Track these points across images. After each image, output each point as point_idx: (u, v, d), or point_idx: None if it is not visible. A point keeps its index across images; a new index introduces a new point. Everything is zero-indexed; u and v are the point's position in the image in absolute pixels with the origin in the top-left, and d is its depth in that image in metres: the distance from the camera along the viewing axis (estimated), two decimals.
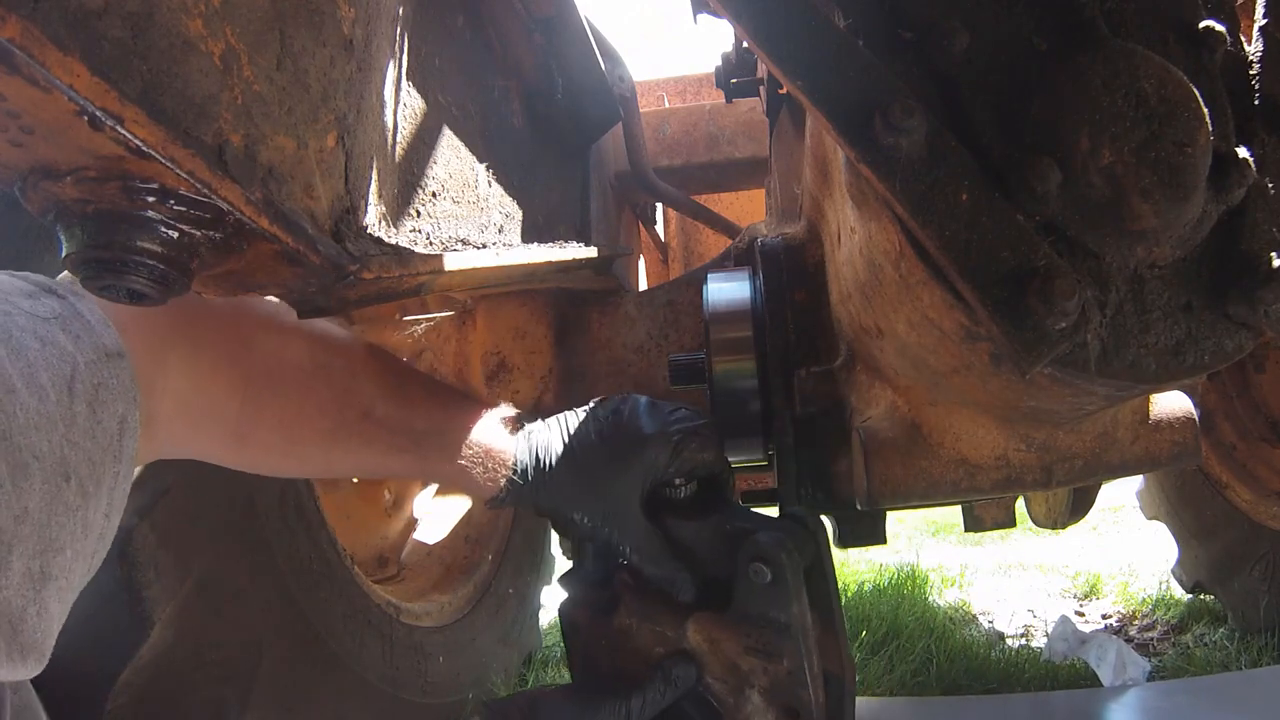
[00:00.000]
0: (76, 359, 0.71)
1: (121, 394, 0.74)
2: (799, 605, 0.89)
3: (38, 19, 0.56)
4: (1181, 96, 0.72)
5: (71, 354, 0.71)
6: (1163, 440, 1.01)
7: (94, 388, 0.71)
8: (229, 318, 0.91)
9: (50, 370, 0.68)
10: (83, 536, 0.69)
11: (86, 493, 0.69)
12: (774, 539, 0.90)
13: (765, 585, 0.89)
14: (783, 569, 0.89)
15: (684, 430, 0.99)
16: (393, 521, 2.45)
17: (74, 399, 0.69)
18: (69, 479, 0.67)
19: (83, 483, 0.68)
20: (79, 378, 0.70)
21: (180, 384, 0.84)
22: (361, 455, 0.98)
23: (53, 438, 0.66)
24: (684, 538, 0.98)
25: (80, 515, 0.68)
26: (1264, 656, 2.63)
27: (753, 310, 1.26)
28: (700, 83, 3.34)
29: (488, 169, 1.42)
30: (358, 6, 0.91)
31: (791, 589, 0.89)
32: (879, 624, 3.13)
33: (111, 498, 0.73)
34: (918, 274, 0.77)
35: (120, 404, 0.74)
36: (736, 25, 0.77)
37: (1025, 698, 2.51)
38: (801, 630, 0.89)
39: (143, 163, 0.69)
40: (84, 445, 0.69)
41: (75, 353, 0.71)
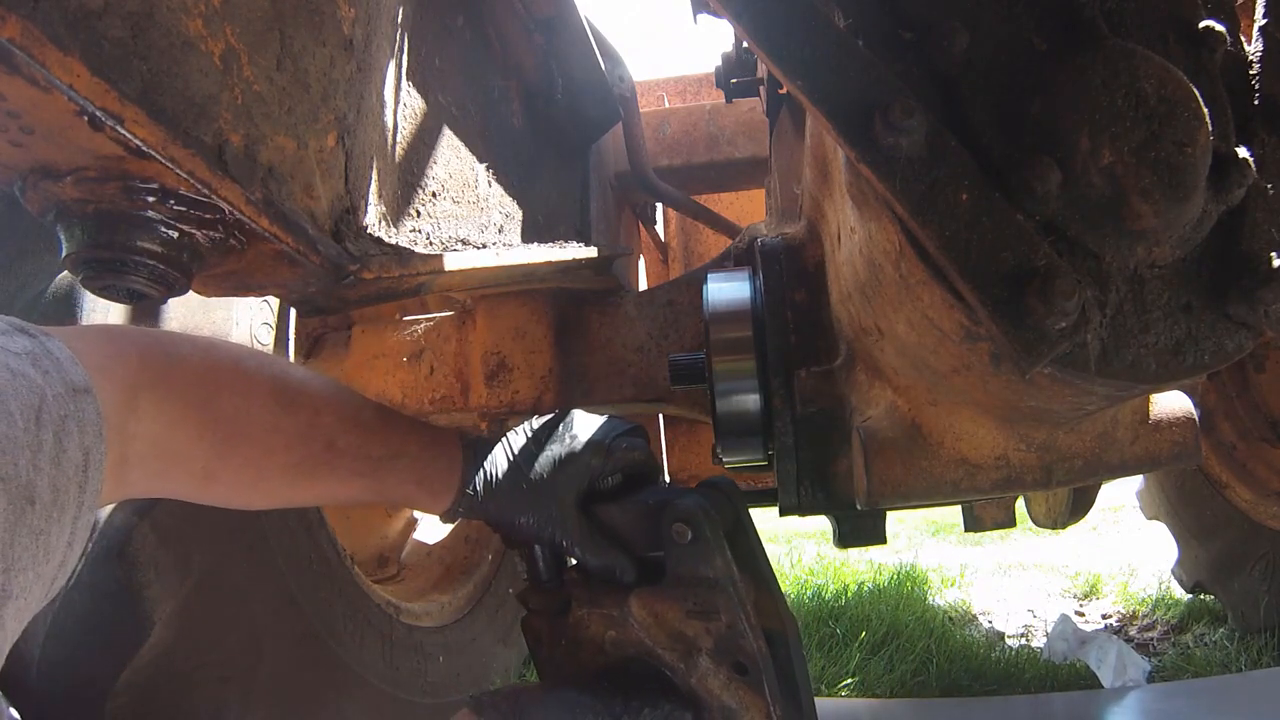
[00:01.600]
0: (45, 391, 0.73)
1: (88, 427, 0.76)
2: (722, 558, 0.94)
3: (38, 19, 0.56)
4: (1181, 96, 0.72)
5: (40, 386, 0.72)
6: (1163, 440, 1.01)
7: (61, 419, 0.73)
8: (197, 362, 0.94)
9: (19, 399, 0.70)
10: (44, 560, 0.70)
11: (50, 518, 0.71)
12: (690, 500, 0.96)
13: (688, 545, 0.95)
14: (701, 525, 0.94)
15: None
16: (393, 521, 2.45)
17: (40, 427, 0.71)
18: (33, 502, 0.68)
19: (47, 508, 0.70)
20: (46, 408, 0.72)
21: (151, 427, 0.86)
22: (325, 484, 1.03)
23: (19, 461, 0.67)
24: (615, 521, 1.04)
25: (43, 539, 0.70)
26: (1264, 656, 2.63)
27: (753, 310, 1.26)
28: (700, 83, 3.34)
29: (488, 169, 1.42)
30: (358, 6, 0.91)
31: (713, 543, 0.94)
32: (879, 624, 3.13)
33: (75, 527, 0.75)
34: (918, 274, 0.77)
35: (86, 437, 0.76)
36: (736, 25, 0.77)
37: (1025, 699, 2.51)
38: (730, 582, 0.94)
39: (143, 163, 0.69)
40: (49, 471, 0.71)
41: (44, 385, 0.73)
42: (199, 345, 0.95)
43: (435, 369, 1.81)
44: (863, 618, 3.23)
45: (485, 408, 1.73)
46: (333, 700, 1.70)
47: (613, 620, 1.01)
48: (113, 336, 0.87)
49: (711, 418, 1.26)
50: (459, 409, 1.79)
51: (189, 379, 0.92)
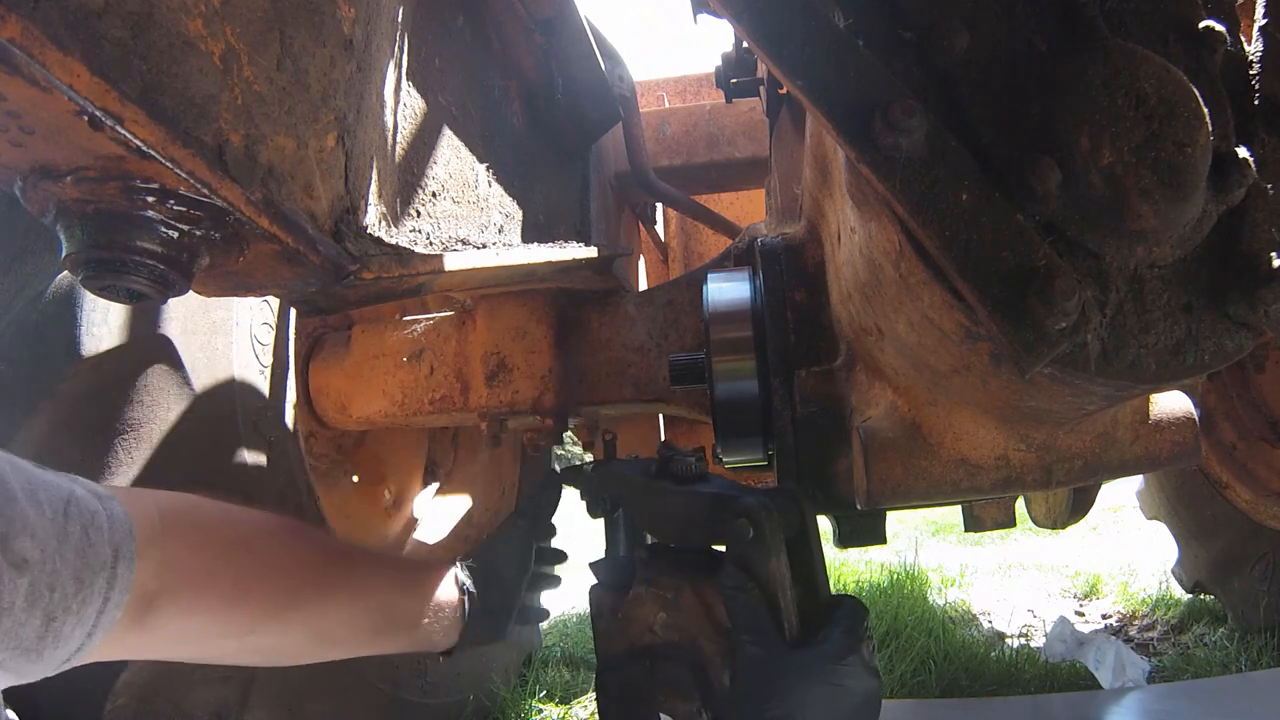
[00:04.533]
0: (73, 489, 0.77)
1: (118, 525, 0.80)
2: (777, 560, 0.93)
3: (38, 19, 0.56)
4: (1181, 96, 0.72)
5: (68, 487, 0.77)
6: (1163, 440, 1.01)
7: (89, 514, 0.77)
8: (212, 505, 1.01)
9: (48, 492, 0.74)
10: (52, 645, 0.73)
11: (69, 608, 0.74)
12: (758, 499, 0.96)
13: (748, 542, 0.94)
14: (762, 525, 0.93)
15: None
16: (393, 521, 2.45)
17: (69, 520, 0.74)
18: (54, 589, 0.71)
19: (67, 597, 0.73)
20: (75, 503, 0.76)
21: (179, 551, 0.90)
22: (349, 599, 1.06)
23: (46, 548, 0.71)
24: (677, 508, 1.04)
25: (56, 625, 0.73)
26: (1264, 657, 2.63)
27: (753, 310, 1.26)
28: (700, 83, 3.34)
29: (488, 169, 1.42)
30: (358, 6, 0.91)
31: (770, 545, 0.93)
32: (879, 624, 3.13)
33: (98, 621, 0.77)
34: (918, 274, 0.77)
35: (116, 534, 0.79)
36: (736, 25, 0.77)
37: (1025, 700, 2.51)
38: (780, 588, 0.93)
39: (143, 163, 0.69)
40: (73, 562, 0.74)
41: (71, 486, 0.78)
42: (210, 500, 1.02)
43: (435, 369, 1.81)
44: None
45: (485, 408, 1.73)
46: (332, 700, 1.70)
47: (666, 602, 1.02)
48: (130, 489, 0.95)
49: (711, 418, 1.26)
50: (459, 409, 1.79)
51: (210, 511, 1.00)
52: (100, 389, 1.29)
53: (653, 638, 1.04)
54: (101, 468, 1.27)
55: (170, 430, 1.35)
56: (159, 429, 1.34)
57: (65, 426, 1.27)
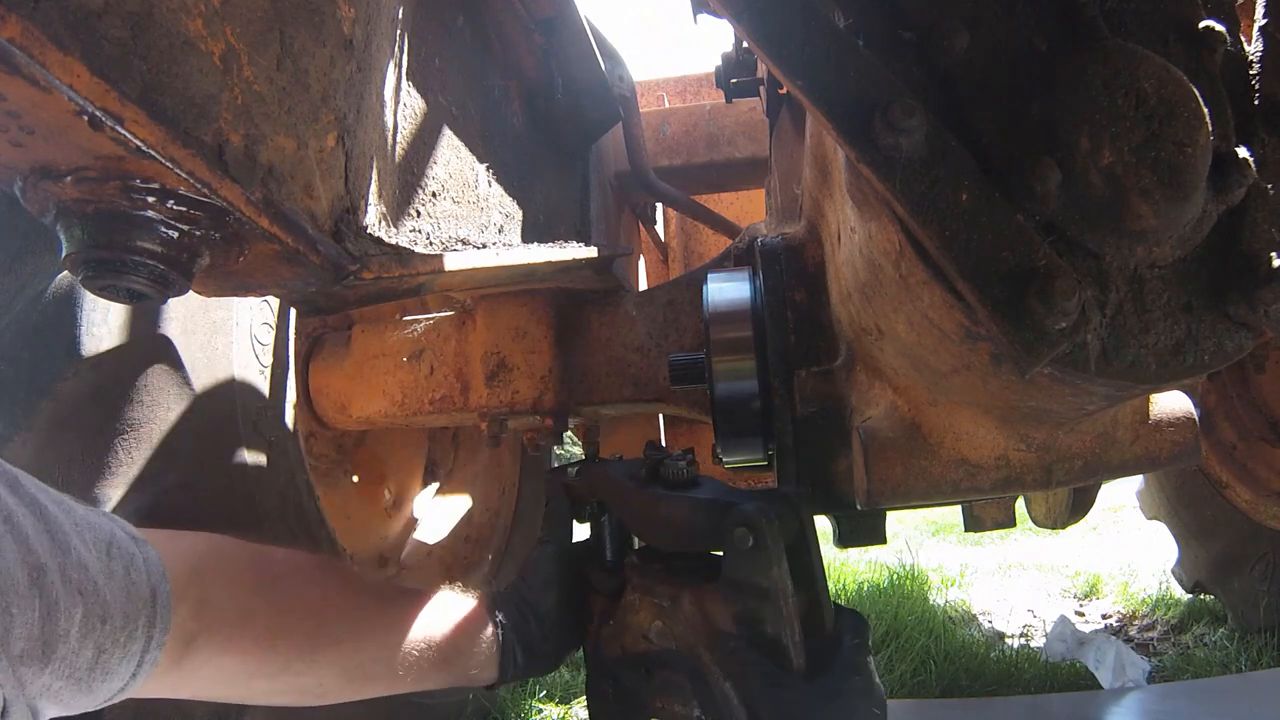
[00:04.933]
0: (114, 531, 0.80)
1: (154, 568, 0.82)
2: (778, 569, 0.92)
3: (38, 19, 0.56)
4: (1181, 96, 0.72)
5: (108, 528, 0.80)
6: (1163, 440, 1.01)
7: (129, 555, 0.80)
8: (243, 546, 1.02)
9: (93, 533, 0.77)
10: (101, 677, 0.76)
11: (117, 641, 0.76)
12: (757, 506, 0.94)
13: (748, 550, 0.93)
14: (763, 533, 0.92)
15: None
16: (393, 521, 2.45)
17: (111, 559, 0.78)
18: (105, 621, 0.75)
19: (116, 631, 0.76)
20: (116, 544, 0.79)
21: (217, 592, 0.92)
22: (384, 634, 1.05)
23: (97, 582, 0.74)
24: (675, 514, 1.02)
25: (105, 657, 0.75)
26: (1264, 657, 2.63)
27: (753, 310, 1.26)
28: (700, 83, 3.34)
29: (488, 169, 1.42)
30: (358, 6, 0.91)
31: (772, 553, 0.92)
32: (879, 624, 3.13)
33: (142, 660, 0.80)
34: (918, 274, 0.77)
35: (153, 577, 0.82)
36: (736, 25, 0.77)
37: (1025, 700, 2.51)
38: (782, 595, 0.92)
39: (143, 163, 0.69)
40: (120, 599, 0.77)
41: (111, 528, 0.81)
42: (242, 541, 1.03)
43: (435, 369, 1.81)
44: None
45: (485, 408, 1.73)
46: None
47: (661, 610, 1.02)
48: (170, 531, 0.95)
49: (711, 418, 1.26)
50: (459, 409, 1.79)
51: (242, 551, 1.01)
52: (100, 389, 1.29)
53: (648, 645, 1.03)
54: (101, 468, 1.27)
55: (170, 430, 1.35)
56: (159, 429, 1.34)
57: (65, 426, 1.27)
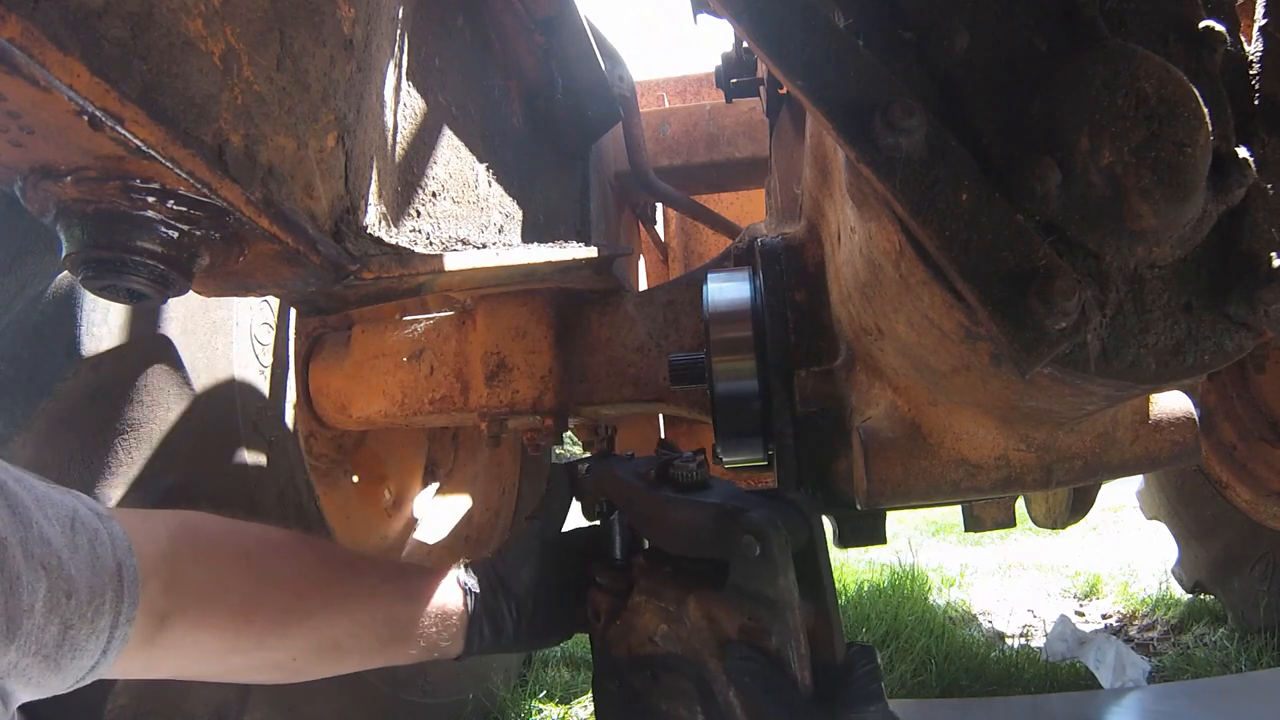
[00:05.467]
0: (76, 507, 0.80)
1: (119, 543, 0.81)
2: (785, 579, 0.90)
3: (38, 19, 0.56)
4: (1181, 96, 0.72)
5: (71, 503, 0.79)
6: (1163, 440, 1.01)
7: (93, 530, 0.79)
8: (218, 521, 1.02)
9: (54, 508, 0.76)
10: (70, 655, 0.75)
11: (84, 616, 0.75)
12: (765, 515, 0.92)
13: (755, 559, 0.91)
14: (770, 543, 0.90)
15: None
16: (393, 521, 2.45)
17: (75, 534, 0.77)
18: (70, 596, 0.74)
19: (82, 606, 0.75)
20: (79, 519, 0.78)
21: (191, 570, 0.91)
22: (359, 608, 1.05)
23: (61, 556, 0.73)
24: (683, 518, 1.01)
25: (73, 633, 0.74)
26: (1264, 657, 2.63)
27: (753, 310, 1.26)
28: (700, 83, 3.34)
29: (488, 169, 1.42)
30: (358, 6, 0.91)
31: (779, 564, 0.90)
32: (879, 624, 3.13)
33: (111, 636, 0.79)
34: (918, 274, 0.77)
35: (118, 551, 0.81)
36: (736, 25, 0.77)
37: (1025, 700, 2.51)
38: (788, 607, 0.90)
39: (143, 163, 0.69)
40: (85, 573, 0.76)
41: (74, 503, 0.80)
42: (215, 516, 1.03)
43: (435, 369, 1.81)
44: (863, 618, 3.23)
45: (485, 408, 1.73)
46: (332, 700, 1.70)
47: (668, 615, 1.00)
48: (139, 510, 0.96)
49: (711, 418, 1.26)
50: (459, 409, 1.79)
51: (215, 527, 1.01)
52: (100, 389, 1.29)
53: (654, 648, 1.02)
54: (101, 467, 1.27)
55: (170, 430, 1.35)
56: (159, 429, 1.34)
57: (65, 426, 1.27)
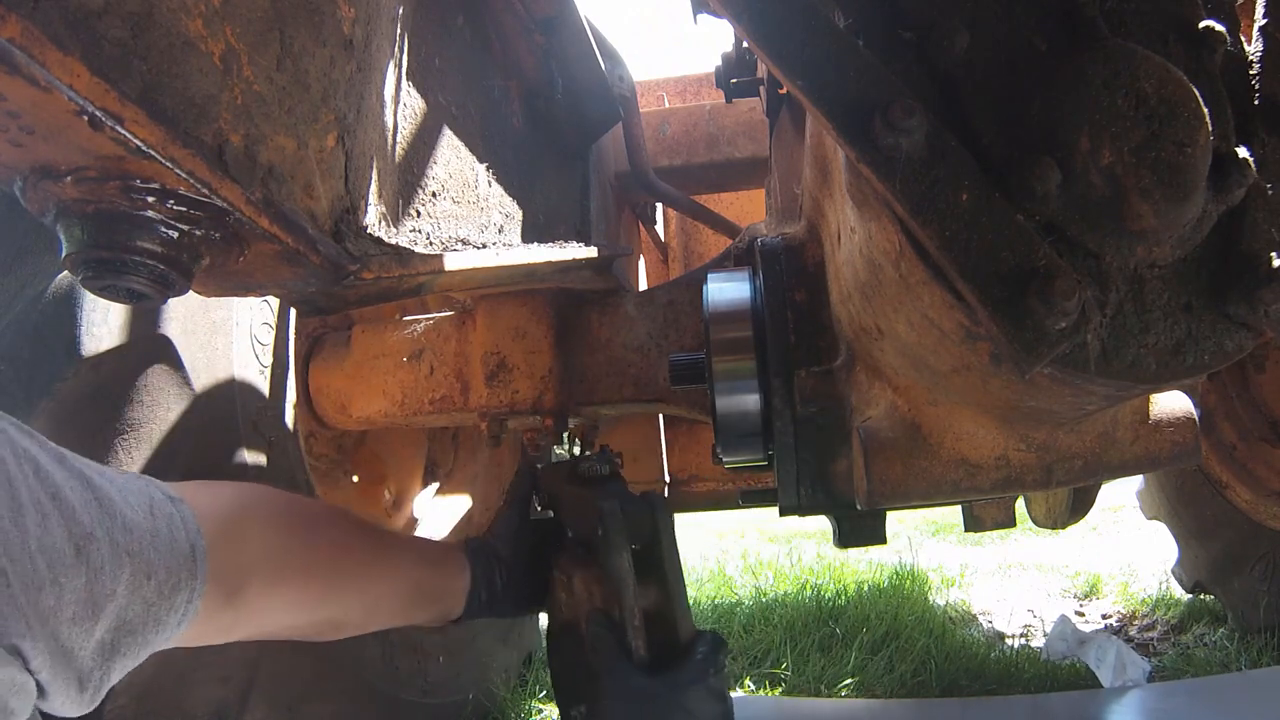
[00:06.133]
0: (151, 493, 0.87)
1: (190, 525, 0.89)
2: (619, 558, 1.06)
3: (38, 19, 0.56)
4: (1181, 96, 0.72)
5: (146, 490, 0.87)
6: (1163, 440, 1.01)
7: (168, 515, 0.87)
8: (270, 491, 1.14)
9: (135, 495, 0.84)
10: (153, 629, 0.83)
11: (162, 593, 0.83)
12: (610, 505, 1.09)
13: (599, 540, 1.08)
14: (608, 527, 1.07)
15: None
16: (393, 521, 2.45)
17: (154, 518, 0.84)
18: (150, 578, 0.82)
19: (160, 585, 0.83)
20: (156, 504, 0.86)
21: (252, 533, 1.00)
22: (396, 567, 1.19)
23: (142, 541, 0.81)
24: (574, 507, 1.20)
25: (155, 611, 0.83)
26: (1264, 656, 2.63)
27: (753, 310, 1.26)
28: (700, 83, 3.34)
29: (488, 169, 1.42)
30: (358, 6, 0.91)
31: (614, 545, 1.07)
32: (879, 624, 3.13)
33: (185, 610, 0.87)
34: (918, 274, 0.77)
35: (190, 533, 0.88)
36: (736, 25, 0.77)
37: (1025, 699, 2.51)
38: (623, 583, 1.05)
39: (143, 163, 0.69)
40: (164, 555, 0.84)
41: (149, 490, 0.87)
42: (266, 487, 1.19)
43: (435, 369, 1.81)
44: (863, 618, 3.23)
45: (485, 408, 1.73)
46: (332, 701, 1.70)
47: (565, 586, 1.18)
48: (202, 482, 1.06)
49: (711, 418, 1.26)
50: (459, 409, 1.79)
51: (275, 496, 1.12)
52: (100, 389, 1.29)
53: (562, 616, 1.19)
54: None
55: (170, 430, 1.35)
56: (159, 429, 1.34)
57: (65, 427, 1.27)
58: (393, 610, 1.19)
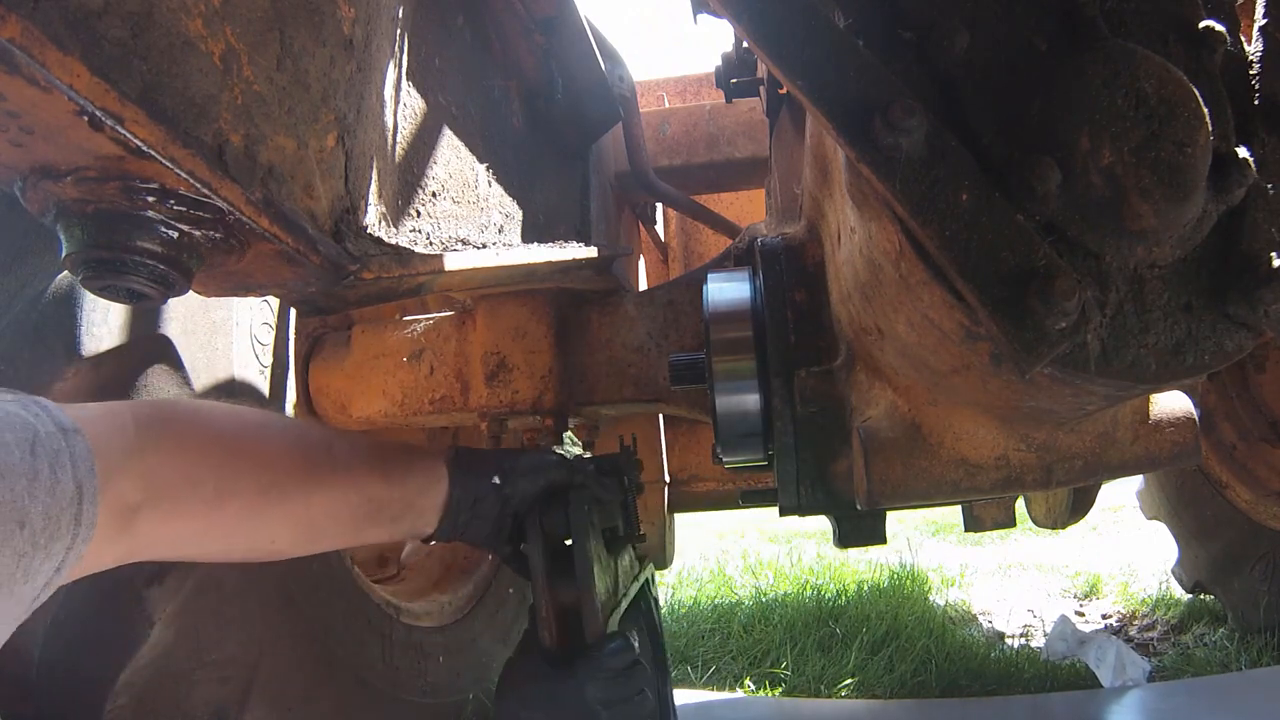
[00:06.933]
0: (36, 428, 0.78)
1: (80, 462, 0.80)
2: (533, 550, 1.12)
3: (38, 19, 0.56)
4: (1181, 96, 0.72)
5: (31, 424, 0.78)
6: (1163, 440, 1.01)
7: (54, 452, 0.78)
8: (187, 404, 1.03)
9: (14, 432, 0.75)
10: (23, 580, 0.75)
11: (37, 543, 0.75)
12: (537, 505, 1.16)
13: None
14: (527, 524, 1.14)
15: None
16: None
17: (36, 458, 0.76)
18: (23, 526, 0.73)
19: (35, 534, 0.75)
20: (40, 442, 0.77)
21: (158, 459, 0.90)
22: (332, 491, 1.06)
23: (15, 487, 0.72)
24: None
25: (25, 561, 0.74)
26: (1264, 656, 2.63)
27: (753, 310, 1.26)
28: (700, 83, 3.34)
29: (488, 169, 1.42)
30: (358, 6, 0.91)
31: (530, 538, 1.13)
32: (879, 624, 3.13)
33: (66, 556, 0.79)
34: (918, 274, 0.77)
35: (79, 471, 0.80)
36: (736, 25, 0.77)
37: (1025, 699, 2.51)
38: (536, 572, 1.11)
39: (143, 163, 0.69)
40: (42, 499, 0.75)
41: (35, 424, 0.78)
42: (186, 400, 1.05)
43: (435, 369, 1.81)
44: (863, 618, 3.23)
45: (485, 408, 1.73)
46: (332, 701, 1.70)
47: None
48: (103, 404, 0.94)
49: (711, 418, 1.26)
50: (459, 409, 1.79)
51: (186, 412, 1.00)
52: (100, 389, 1.29)
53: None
54: None
55: None
56: None
57: None
58: (339, 532, 1.08)
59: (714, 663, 3.12)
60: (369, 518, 1.08)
